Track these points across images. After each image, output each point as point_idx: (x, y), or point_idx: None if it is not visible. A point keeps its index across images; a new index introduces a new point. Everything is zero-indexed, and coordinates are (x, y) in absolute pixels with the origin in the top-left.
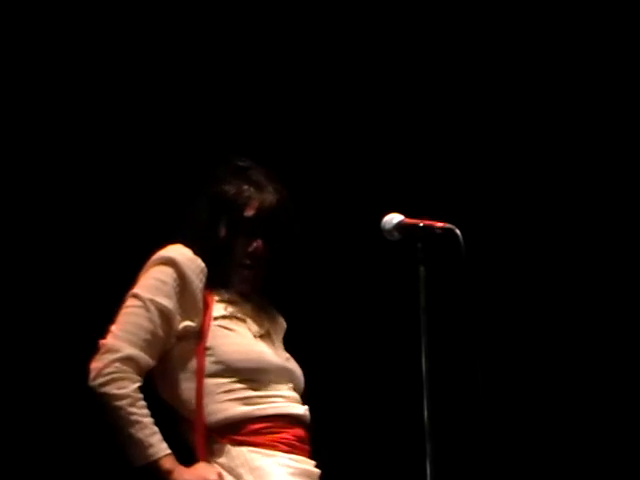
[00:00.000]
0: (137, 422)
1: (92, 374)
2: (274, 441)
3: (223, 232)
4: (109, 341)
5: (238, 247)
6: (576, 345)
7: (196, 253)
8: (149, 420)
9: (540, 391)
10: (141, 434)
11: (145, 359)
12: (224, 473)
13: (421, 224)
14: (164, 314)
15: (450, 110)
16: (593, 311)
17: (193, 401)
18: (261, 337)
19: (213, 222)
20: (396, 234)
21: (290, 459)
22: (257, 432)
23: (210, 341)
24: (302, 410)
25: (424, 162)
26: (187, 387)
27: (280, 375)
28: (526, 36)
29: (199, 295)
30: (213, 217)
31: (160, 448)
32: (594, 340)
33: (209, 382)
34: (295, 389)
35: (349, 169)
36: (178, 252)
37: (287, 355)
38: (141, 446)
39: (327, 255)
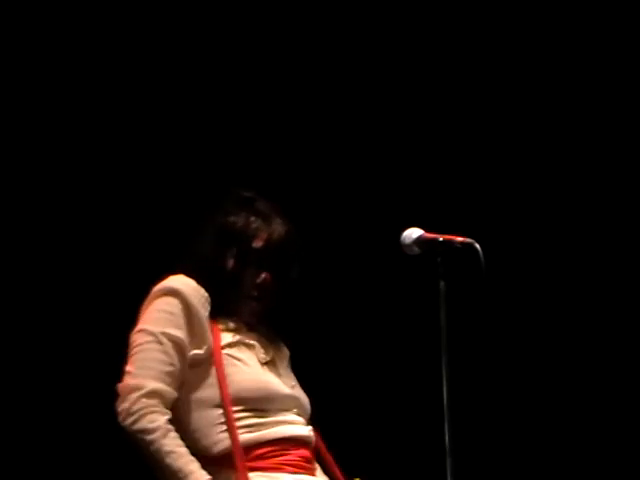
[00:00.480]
0: (173, 452)
1: (121, 416)
2: (279, 463)
3: (231, 263)
4: (130, 381)
5: (246, 278)
6: (597, 360)
7: (200, 283)
8: (184, 450)
9: (561, 401)
10: (179, 463)
11: (169, 391)
12: None
13: (441, 239)
14: (178, 345)
15: (469, 125)
16: (615, 324)
17: (203, 430)
18: (267, 364)
19: (220, 253)
20: (416, 249)
21: (295, 479)
22: (262, 457)
23: (219, 371)
24: (306, 431)
25: (443, 177)
26: (196, 416)
27: (285, 402)
28: (542, 44)
29: (205, 324)
30: (220, 248)
31: (200, 474)
32: (615, 355)
33: (214, 412)
34: (300, 414)
35: (368, 184)
36: (181, 282)
37: (293, 382)
38: (181, 475)
39: (347, 270)
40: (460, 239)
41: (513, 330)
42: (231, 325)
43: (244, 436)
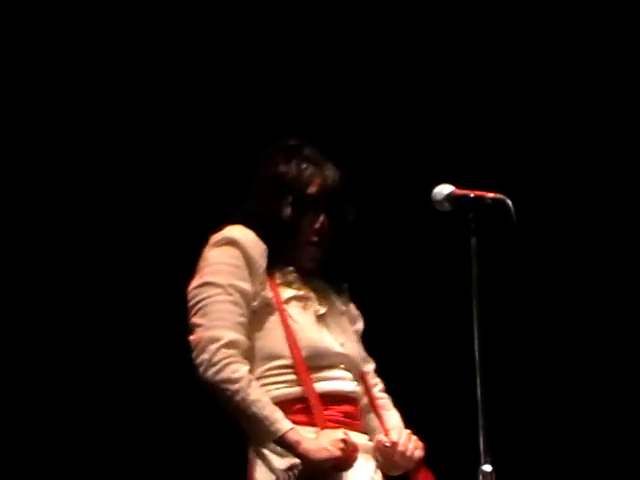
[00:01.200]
0: (258, 400)
1: (202, 368)
2: (319, 417)
3: (288, 212)
4: (205, 333)
5: (304, 225)
6: (629, 314)
7: (258, 235)
8: (268, 399)
9: (591, 356)
10: (266, 411)
11: (245, 341)
12: (271, 455)
13: (472, 195)
14: (245, 296)
15: (498, 79)
16: None
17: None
18: (321, 317)
19: (276, 203)
20: (447, 205)
21: (353, 436)
22: (302, 411)
23: (273, 323)
24: (351, 387)
25: (475, 132)
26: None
27: (333, 359)
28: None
29: (262, 277)
30: (275, 198)
31: (285, 422)
32: None
33: (264, 363)
34: (349, 369)
35: (398, 142)
36: (241, 233)
37: (343, 339)
38: (267, 423)
39: (378, 228)
40: (491, 195)
41: (544, 286)
42: (289, 278)
43: (286, 390)
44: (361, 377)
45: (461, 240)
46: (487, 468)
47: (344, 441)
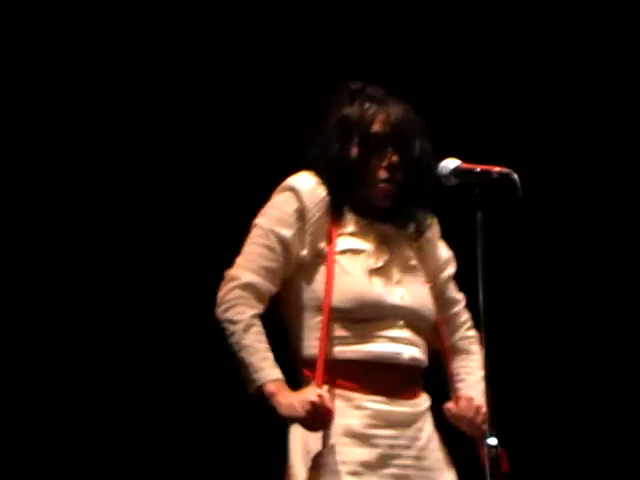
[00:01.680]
0: (249, 346)
1: (216, 304)
2: (359, 384)
3: (355, 152)
4: (231, 271)
5: (374, 163)
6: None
7: (328, 180)
8: (262, 346)
9: (597, 331)
10: (252, 358)
11: (266, 285)
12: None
13: (478, 169)
14: (283, 243)
15: (504, 53)
16: None
17: (300, 332)
18: (377, 271)
19: (343, 146)
20: (453, 179)
21: (373, 401)
22: (342, 374)
23: (321, 278)
24: (406, 351)
25: (482, 106)
26: (296, 317)
27: (388, 314)
28: None
29: (316, 226)
30: (342, 141)
31: (268, 373)
32: None
33: (313, 316)
34: (411, 327)
35: None
36: (302, 181)
37: (403, 292)
38: (250, 370)
39: None
40: (498, 169)
41: (550, 259)
42: (350, 228)
43: (335, 348)
44: (445, 322)
45: (467, 214)
46: (492, 441)
47: (313, 403)
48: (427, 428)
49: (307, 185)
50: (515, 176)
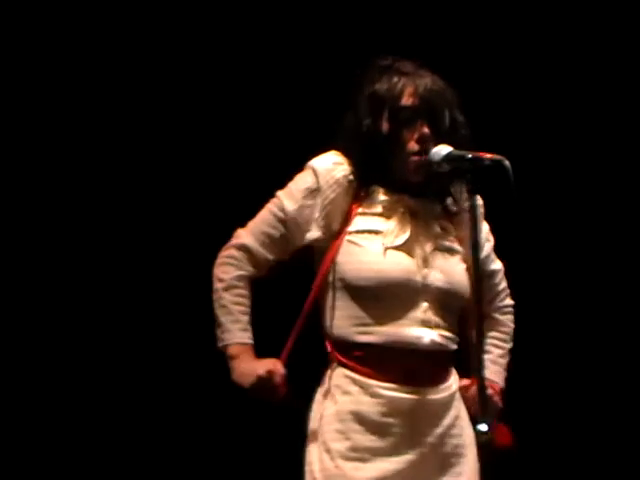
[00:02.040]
0: (224, 307)
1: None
2: (375, 370)
3: (386, 126)
4: (239, 229)
5: (405, 136)
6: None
7: (360, 156)
8: (238, 308)
9: (595, 326)
10: (224, 319)
11: (261, 252)
12: (324, 390)
13: (469, 155)
14: (285, 215)
15: (497, 43)
16: None
17: (326, 311)
18: (397, 249)
19: (374, 120)
20: (445, 165)
21: (389, 389)
22: (360, 359)
23: (339, 256)
24: (425, 335)
25: (474, 94)
26: (323, 296)
27: (409, 294)
28: None
29: (330, 208)
30: (373, 116)
31: (235, 335)
32: None
33: (334, 297)
34: (437, 307)
35: None
36: (321, 161)
37: (428, 271)
38: (220, 330)
39: None
40: (489, 156)
41: (541, 246)
42: (377, 207)
43: (349, 329)
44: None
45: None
46: (482, 427)
47: (259, 377)
48: (450, 414)
49: (325, 165)
50: (507, 163)
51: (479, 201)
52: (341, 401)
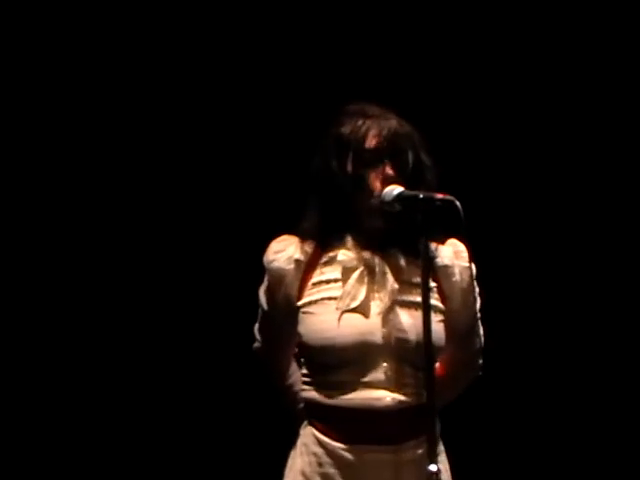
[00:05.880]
0: None
1: None
2: (339, 433)
3: (350, 168)
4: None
5: (369, 178)
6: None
7: (326, 201)
8: None
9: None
10: None
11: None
12: (296, 445)
13: (421, 195)
14: (269, 313)
15: (453, 86)
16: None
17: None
18: (356, 310)
19: (339, 163)
20: (397, 205)
21: (352, 451)
22: (325, 420)
23: (299, 327)
24: (384, 396)
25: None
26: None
27: (369, 353)
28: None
29: (285, 290)
30: (338, 159)
31: None
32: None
33: (302, 362)
34: (401, 364)
35: None
36: (267, 253)
37: (386, 328)
38: None
39: None
40: (440, 196)
41: (493, 284)
42: (331, 272)
43: (309, 393)
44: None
45: (411, 240)
46: (432, 468)
47: None
48: (422, 472)
49: (268, 259)
50: (457, 203)
51: (461, 247)
52: (307, 461)
